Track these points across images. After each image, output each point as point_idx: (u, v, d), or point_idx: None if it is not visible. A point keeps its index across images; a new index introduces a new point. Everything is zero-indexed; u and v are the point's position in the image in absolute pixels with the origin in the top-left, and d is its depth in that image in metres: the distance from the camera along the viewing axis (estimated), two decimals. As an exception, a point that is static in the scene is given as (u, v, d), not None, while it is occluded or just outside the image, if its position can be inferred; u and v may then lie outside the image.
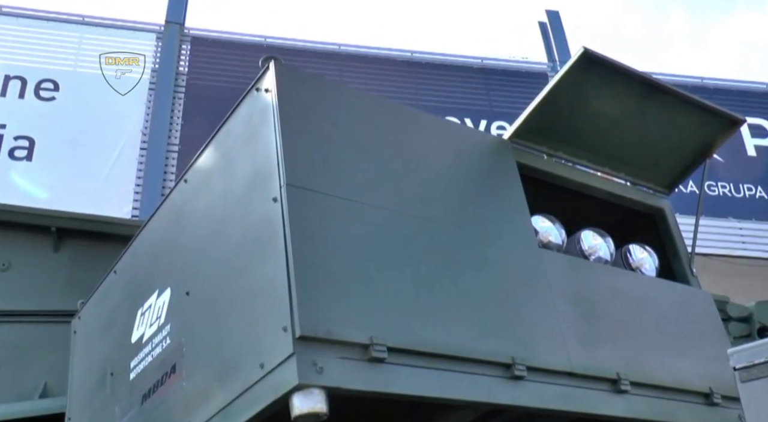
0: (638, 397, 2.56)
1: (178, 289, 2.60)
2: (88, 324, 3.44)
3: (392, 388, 2.05)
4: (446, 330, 2.22)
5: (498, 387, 2.26)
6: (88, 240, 5.58)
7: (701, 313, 2.99)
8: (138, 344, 2.81)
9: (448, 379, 2.16)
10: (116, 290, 3.20)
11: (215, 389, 2.25)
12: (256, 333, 2.10)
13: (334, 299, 2.04)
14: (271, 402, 1.98)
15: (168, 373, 2.54)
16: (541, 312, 2.49)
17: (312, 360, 1.93)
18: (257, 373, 2.04)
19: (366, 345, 2.01)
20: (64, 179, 9.88)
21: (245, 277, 2.21)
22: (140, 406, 2.70)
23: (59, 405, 5.23)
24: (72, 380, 3.47)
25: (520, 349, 2.33)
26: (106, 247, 5.57)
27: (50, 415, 5.30)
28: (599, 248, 2.97)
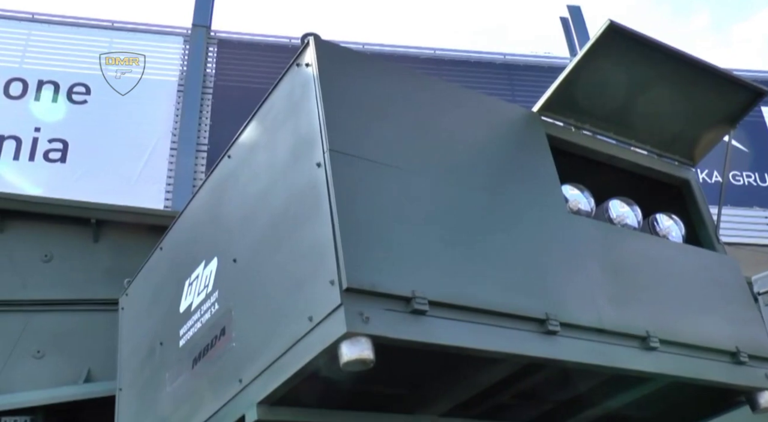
0: (666, 354, 2.65)
1: (225, 257, 2.75)
2: (136, 299, 3.60)
3: (432, 338, 2.17)
4: (483, 286, 2.33)
5: (533, 341, 2.37)
6: (126, 231, 5.78)
7: (728, 277, 3.07)
8: (186, 313, 2.96)
9: (485, 332, 2.28)
10: (163, 265, 3.36)
11: (265, 346, 2.38)
12: (303, 289, 2.23)
13: (378, 256, 2.16)
14: (320, 352, 2.11)
15: (218, 336, 2.69)
16: (572, 273, 2.59)
17: (359, 310, 2.05)
18: (306, 326, 2.17)
19: (408, 297, 2.13)
20: (97, 179, 10.14)
21: (292, 239, 2.35)
22: (191, 370, 2.84)
23: (103, 389, 5.43)
24: (121, 354, 3.63)
25: (553, 306, 2.43)
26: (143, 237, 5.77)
27: (94, 399, 5.51)
28: (627, 216, 3.07)
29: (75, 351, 5.53)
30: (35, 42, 10.84)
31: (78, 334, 5.58)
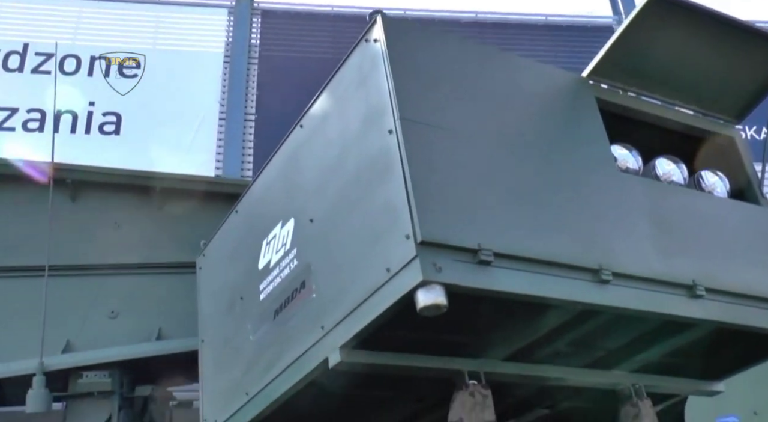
0: (713, 302, 2.86)
1: (302, 218, 3.02)
2: (213, 259, 3.91)
3: (497, 286, 2.42)
4: (541, 239, 2.57)
5: (587, 289, 2.60)
6: (188, 198, 6.12)
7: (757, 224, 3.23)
8: (265, 269, 3.25)
9: (543, 281, 2.52)
10: (239, 227, 3.65)
11: (344, 296, 2.66)
12: (380, 244, 2.49)
13: (447, 212, 2.41)
14: (398, 299, 2.37)
15: (297, 289, 2.97)
16: (622, 226, 2.80)
17: (432, 261, 2.31)
18: (384, 276, 2.44)
19: (475, 250, 2.38)
20: (150, 150, 10.52)
21: (367, 200, 2.60)
22: (272, 321, 3.14)
23: (174, 346, 5.84)
24: (201, 309, 3.94)
25: (605, 257, 2.65)
26: (204, 204, 6.11)
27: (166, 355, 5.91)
28: (673, 173, 3.25)
29: (146, 311, 5.93)
30: (86, 19, 11.19)
31: (148, 296, 5.98)
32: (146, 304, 5.93)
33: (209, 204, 6.10)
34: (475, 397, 2.75)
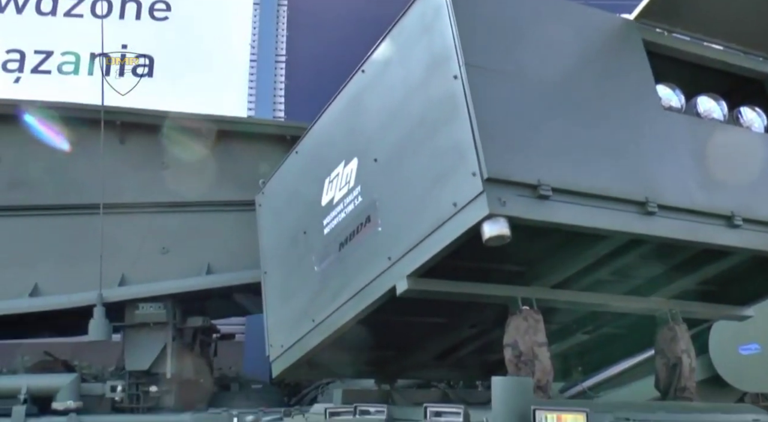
0: (749, 231, 3.07)
1: (366, 157, 3.25)
2: (273, 197, 4.16)
3: (555, 218, 2.66)
4: (594, 174, 2.78)
5: (634, 220, 2.83)
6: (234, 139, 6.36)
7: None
8: (329, 206, 3.50)
9: (596, 213, 2.75)
10: (299, 167, 3.89)
11: (409, 229, 2.91)
12: (447, 181, 2.71)
13: (510, 150, 2.63)
14: (465, 231, 2.61)
15: (363, 223, 3.22)
16: (667, 161, 3.01)
17: (497, 196, 2.54)
18: (450, 210, 2.68)
19: (535, 185, 2.60)
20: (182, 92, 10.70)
21: (432, 141, 2.81)
22: (338, 253, 3.41)
23: (223, 280, 6.18)
24: (263, 243, 4.22)
25: (651, 191, 2.87)
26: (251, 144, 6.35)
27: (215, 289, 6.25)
28: (713, 110, 3.42)
29: (195, 247, 6.25)
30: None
31: (197, 232, 6.30)
32: (195, 240, 6.25)
33: (253, 145, 6.36)
34: (528, 321, 3.02)
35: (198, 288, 6.21)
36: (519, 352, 2.98)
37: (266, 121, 8.77)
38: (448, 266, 2.94)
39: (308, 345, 3.62)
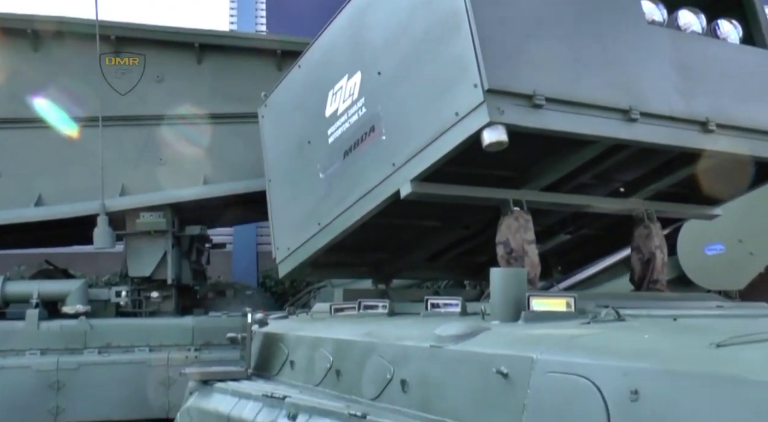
0: (721, 136, 3.37)
1: (369, 71, 3.45)
2: (276, 109, 4.37)
3: (547, 125, 2.92)
4: (583, 85, 3.03)
5: (619, 126, 3.10)
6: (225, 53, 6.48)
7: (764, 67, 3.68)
8: (333, 116, 3.73)
9: (584, 120, 3.01)
10: (302, 80, 4.08)
11: (414, 137, 3.16)
12: (449, 92, 2.95)
13: (508, 63, 2.86)
14: (466, 138, 2.87)
15: (367, 132, 3.46)
16: (650, 72, 3.25)
17: (496, 105, 2.79)
18: (452, 119, 2.93)
19: (530, 95, 2.85)
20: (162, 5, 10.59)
21: (436, 55, 3.03)
22: (342, 160, 3.66)
23: (219, 190, 6.44)
24: (267, 153, 4.44)
25: (634, 99, 3.13)
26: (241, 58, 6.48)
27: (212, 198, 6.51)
28: (693, 23, 3.64)
29: (191, 158, 6.47)
30: None
31: (192, 144, 6.50)
32: (191, 152, 6.47)
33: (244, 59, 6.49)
34: (519, 221, 3.33)
35: (196, 198, 6.48)
36: (510, 249, 3.30)
37: (262, 36, 8.82)
38: (446, 172, 3.21)
39: (314, 246, 3.92)
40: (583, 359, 1.90)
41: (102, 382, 5.76)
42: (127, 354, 5.95)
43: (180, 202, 6.47)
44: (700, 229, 6.12)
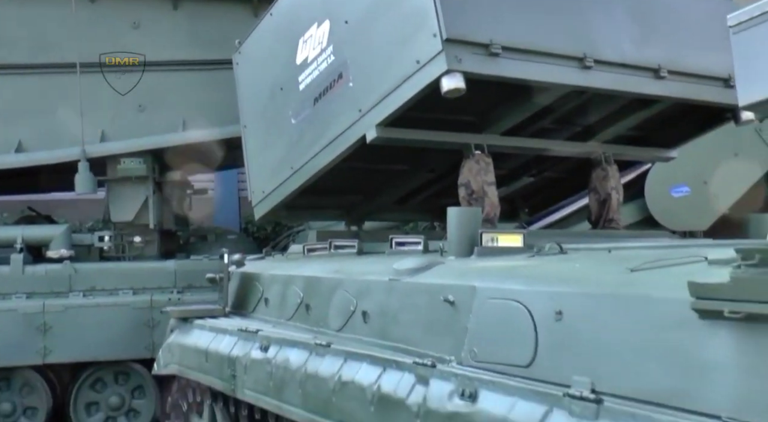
0: (673, 82, 3.53)
1: (337, 20, 3.57)
2: (250, 56, 4.47)
3: (504, 73, 3.08)
4: (538, 34, 3.18)
5: (574, 73, 3.26)
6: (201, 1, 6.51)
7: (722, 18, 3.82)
8: (303, 64, 3.85)
9: (542, 68, 3.17)
10: (274, 28, 4.18)
11: (378, 84, 3.31)
12: (411, 41, 3.09)
13: (466, 14, 2.99)
14: (426, 84, 3.02)
15: (336, 79, 3.60)
16: (604, 21, 3.40)
17: (454, 54, 2.93)
18: (414, 67, 3.07)
19: (487, 44, 3.00)
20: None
21: (398, 5, 3.16)
22: (313, 106, 3.81)
23: (198, 136, 6.53)
24: (242, 99, 4.57)
25: (589, 47, 3.28)
26: (217, 3, 6.52)
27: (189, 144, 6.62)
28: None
29: (170, 105, 6.56)
30: None
31: (171, 91, 6.58)
32: (170, 98, 6.55)
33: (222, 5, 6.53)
34: (480, 164, 3.51)
35: (175, 144, 6.59)
36: (471, 190, 3.49)
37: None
38: (411, 118, 3.37)
39: (287, 189, 4.09)
40: (517, 286, 2.11)
41: (87, 324, 5.93)
42: (111, 296, 6.11)
43: (160, 148, 6.58)
44: (667, 172, 6.33)
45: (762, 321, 1.45)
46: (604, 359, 1.78)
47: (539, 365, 1.95)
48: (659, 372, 1.63)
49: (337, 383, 2.66)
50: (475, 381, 2.08)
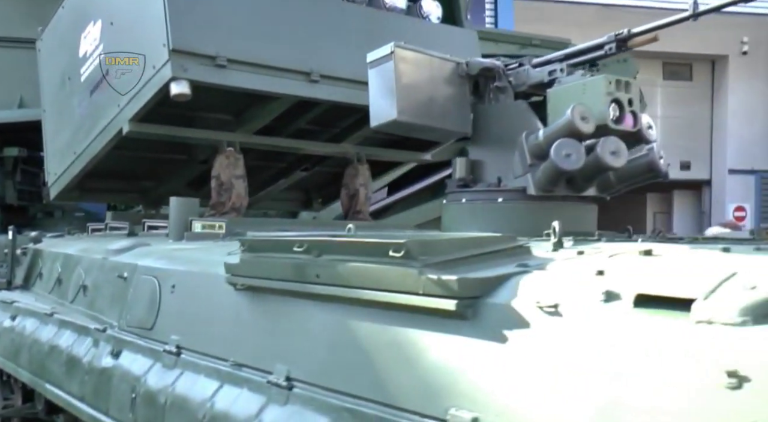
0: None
1: (106, 20, 3.97)
2: (48, 45, 4.81)
3: (230, 82, 3.55)
4: (269, 49, 3.66)
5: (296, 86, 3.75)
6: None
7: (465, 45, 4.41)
8: (84, 57, 4.23)
9: (269, 81, 3.67)
10: (65, 20, 4.53)
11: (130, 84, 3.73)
12: (150, 48, 3.53)
13: (195, 28, 3.45)
14: (159, 88, 3.47)
15: (104, 75, 4.00)
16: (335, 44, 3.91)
17: (180, 63, 3.39)
18: (152, 71, 3.52)
19: (214, 56, 3.47)
20: None
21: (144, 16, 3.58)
22: (89, 98, 4.20)
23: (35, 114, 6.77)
24: (42, 85, 4.90)
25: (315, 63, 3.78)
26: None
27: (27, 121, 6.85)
28: (397, 2, 4.30)
29: (7, 82, 6.77)
30: None
31: (8, 68, 6.78)
32: (6, 76, 6.77)
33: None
34: (230, 159, 3.98)
35: (10, 121, 6.81)
36: (221, 182, 3.97)
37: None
38: (168, 113, 3.82)
39: (71, 173, 4.46)
40: (157, 264, 2.60)
41: None
42: (-66, 264, 6.32)
43: (-3, 123, 6.78)
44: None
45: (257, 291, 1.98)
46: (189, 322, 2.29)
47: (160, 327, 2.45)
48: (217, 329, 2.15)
49: (51, 349, 3.11)
50: (121, 342, 2.57)
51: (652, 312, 1.19)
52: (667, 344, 1.13)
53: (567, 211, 2.73)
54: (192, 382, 2.11)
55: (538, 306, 1.35)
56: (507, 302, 1.41)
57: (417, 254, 1.51)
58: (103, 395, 2.52)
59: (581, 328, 1.27)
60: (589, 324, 1.26)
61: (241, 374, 1.95)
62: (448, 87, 2.97)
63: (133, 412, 2.31)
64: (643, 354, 1.15)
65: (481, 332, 1.42)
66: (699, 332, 1.11)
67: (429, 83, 2.91)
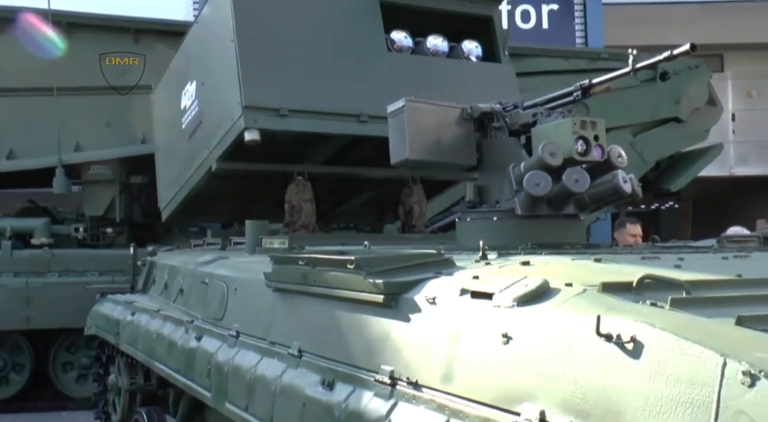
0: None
1: (199, 81, 4.99)
2: (159, 98, 5.94)
3: (291, 128, 4.44)
4: (325, 99, 4.52)
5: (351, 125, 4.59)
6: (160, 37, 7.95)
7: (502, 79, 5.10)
8: (184, 110, 5.28)
9: (323, 123, 4.53)
10: (171, 79, 5.61)
11: (217, 131, 4.70)
12: (229, 105, 4.47)
13: (263, 90, 4.36)
14: (237, 135, 4.41)
15: (198, 125, 5.02)
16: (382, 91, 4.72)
17: (252, 116, 4.31)
18: (230, 122, 4.47)
19: (278, 108, 4.37)
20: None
21: (226, 80, 4.54)
22: (188, 142, 5.23)
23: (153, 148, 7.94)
24: (155, 128, 6.04)
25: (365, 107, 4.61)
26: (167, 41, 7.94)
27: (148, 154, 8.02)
28: (439, 46, 5.06)
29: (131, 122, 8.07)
30: None
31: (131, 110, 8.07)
32: (131, 117, 8.05)
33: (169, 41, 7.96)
34: (299, 186, 4.87)
35: (134, 154, 8.11)
36: (292, 205, 4.86)
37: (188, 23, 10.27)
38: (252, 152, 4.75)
39: (178, 199, 5.53)
40: (227, 273, 3.50)
41: (61, 298, 7.46)
42: (81, 277, 7.62)
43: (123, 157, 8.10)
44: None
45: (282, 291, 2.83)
46: (244, 314, 3.17)
47: (226, 318, 3.34)
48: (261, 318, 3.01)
49: (157, 336, 4.10)
50: (202, 330, 3.49)
51: (477, 301, 1.93)
52: (479, 319, 1.87)
53: (551, 226, 3.41)
54: (243, 356, 2.97)
55: (426, 299, 2.10)
56: (415, 297, 2.17)
57: (363, 266, 2.29)
58: (190, 367, 3.45)
59: (444, 311, 2.01)
60: (447, 309, 2.01)
61: (274, 349, 2.80)
62: (455, 128, 3.71)
63: (209, 378, 3.21)
64: (468, 325, 1.89)
65: (400, 316, 2.18)
66: (493, 311, 1.84)
67: (437, 127, 3.66)
